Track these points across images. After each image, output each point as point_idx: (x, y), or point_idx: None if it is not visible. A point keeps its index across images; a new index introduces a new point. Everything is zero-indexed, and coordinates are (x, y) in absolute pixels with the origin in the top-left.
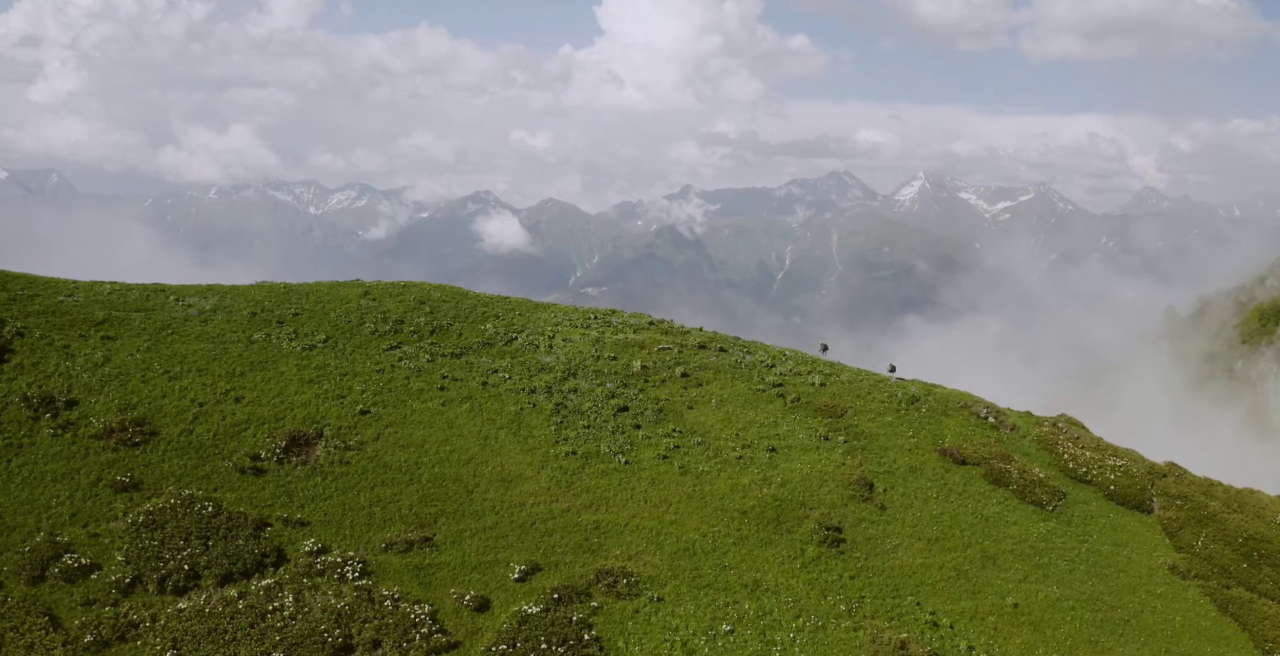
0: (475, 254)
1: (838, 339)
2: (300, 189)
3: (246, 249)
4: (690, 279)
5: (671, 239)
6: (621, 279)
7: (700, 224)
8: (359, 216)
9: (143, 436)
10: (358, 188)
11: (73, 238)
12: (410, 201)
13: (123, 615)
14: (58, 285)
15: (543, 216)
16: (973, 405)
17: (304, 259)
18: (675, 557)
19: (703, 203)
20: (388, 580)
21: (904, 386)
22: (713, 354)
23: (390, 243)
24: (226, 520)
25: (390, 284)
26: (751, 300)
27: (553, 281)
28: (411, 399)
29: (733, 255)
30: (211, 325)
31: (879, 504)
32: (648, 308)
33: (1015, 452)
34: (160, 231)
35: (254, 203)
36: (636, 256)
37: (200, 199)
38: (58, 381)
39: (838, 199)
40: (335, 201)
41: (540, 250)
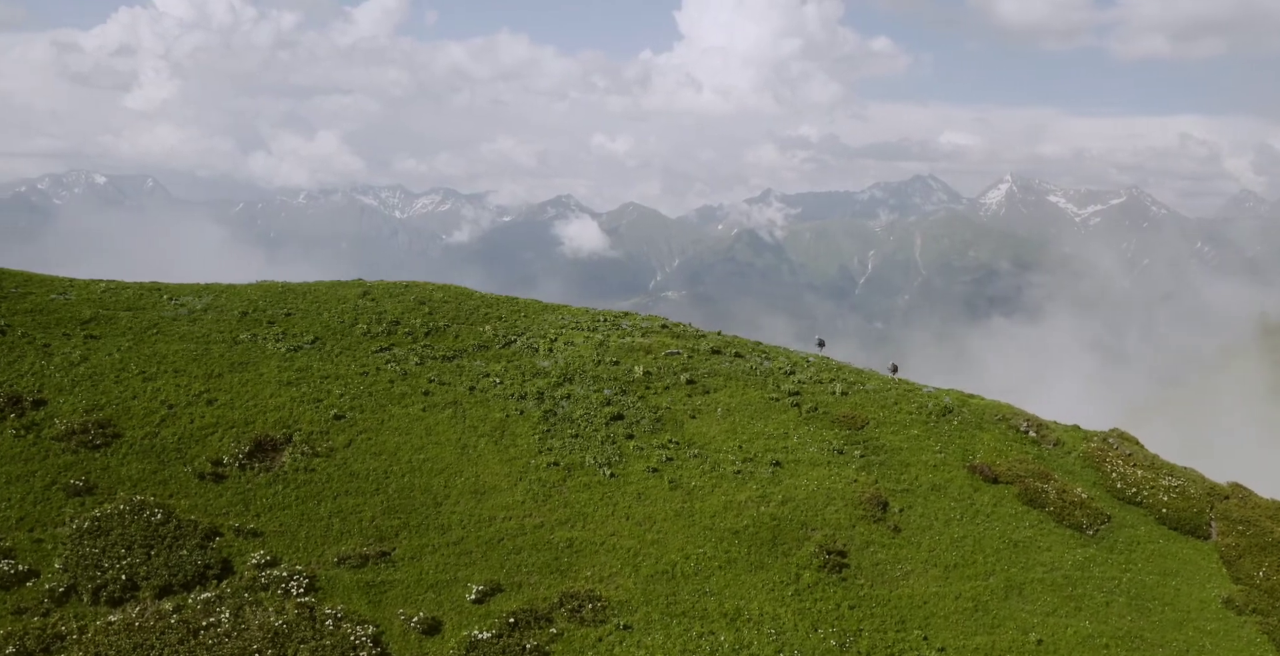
0: (555, 257)
1: (922, 344)
2: (386, 193)
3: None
4: (770, 283)
5: (751, 243)
6: (701, 283)
7: (780, 228)
8: (443, 220)
9: (105, 438)
10: (442, 192)
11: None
12: (493, 205)
13: (51, 626)
14: (52, 283)
15: (622, 220)
16: (1011, 417)
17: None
18: (651, 581)
19: (783, 206)
20: (335, 597)
21: (937, 396)
22: (726, 359)
23: (473, 246)
24: (175, 528)
25: (391, 284)
26: (832, 304)
27: (632, 285)
28: (392, 403)
29: (813, 259)
30: (200, 325)
31: (893, 525)
32: (726, 312)
33: (1056, 470)
34: (251, 235)
35: (341, 207)
36: (716, 260)
37: (289, 203)
38: (29, 381)
39: (922, 202)
40: (420, 206)
41: (620, 254)
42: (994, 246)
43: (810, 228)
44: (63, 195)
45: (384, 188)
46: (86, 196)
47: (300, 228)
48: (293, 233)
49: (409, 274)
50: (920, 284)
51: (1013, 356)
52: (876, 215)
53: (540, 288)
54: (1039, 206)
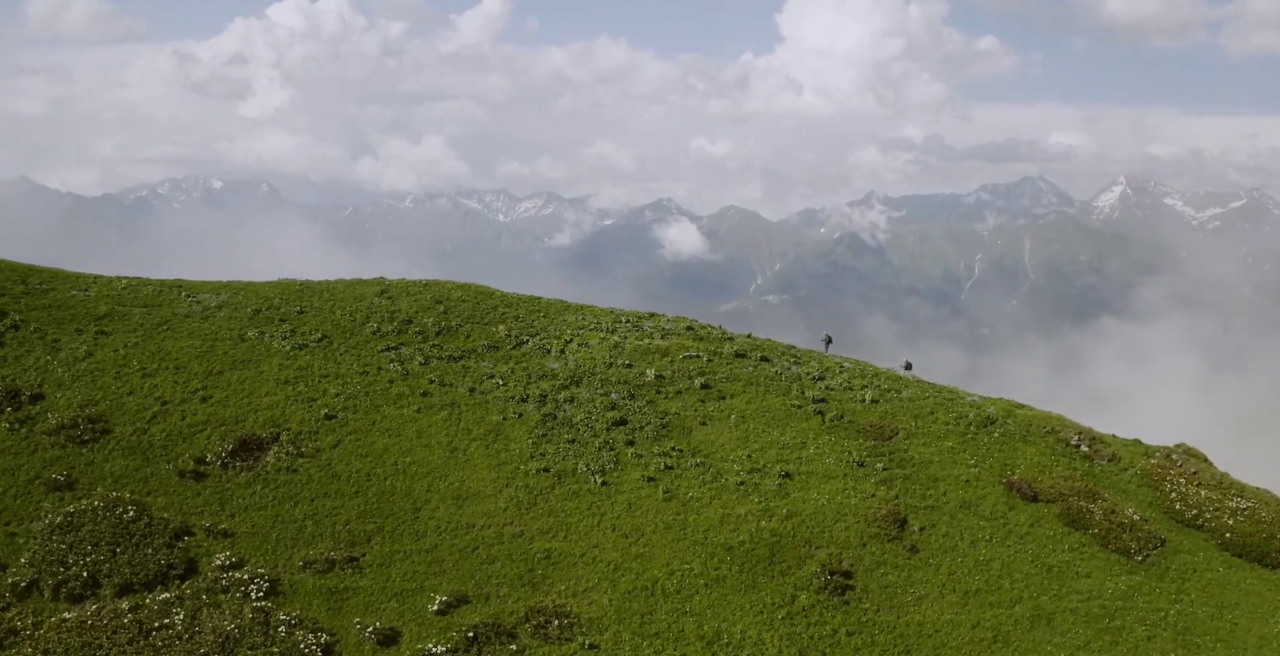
0: (655, 261)
1: (1030, 350)
2: (490, 197)
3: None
4: (872, 287)
5: (853, 246)
6: (802, 286)
7: (884, 231)
8: (545, 224)
9: (94, 434)
10: (544, 195)
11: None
12: (594, 209)
13: (7, 621)
14: (76, 280)
15: (723, 223)
16: (1061, 430)
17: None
18: (629, 598)
19: (886, 209)
20: (295, 602)
21: (980, 406)
22: (750, 364)
23: (575, 250)
24: (145, 526)
25: (410, 282)
26: (936, 309)
27: (731, 289)
28: (387, 404)
29: (917, 263)
30: (211, 322)
31: (910, 545)
32: (827, 316)
33: (1107, 489)
34: (358, 238)
35: (446, 211)
36: (817, 264)
37: (396, 207)
38: (32, 375)
39: (1031, 205)
40: (523, 209)
41: (720, 257)
42: (1107, 251)
43: (914, 231)
44: (181, 199)
45: (488, 191)
46: (204, 200)
47: (406, 231)
48: (399, 236)
49: (512, 277)
50: (1028, 289)
51: (1122, 364)
52: (983, 218)
53: (640, 291)
54: (1154, 209)
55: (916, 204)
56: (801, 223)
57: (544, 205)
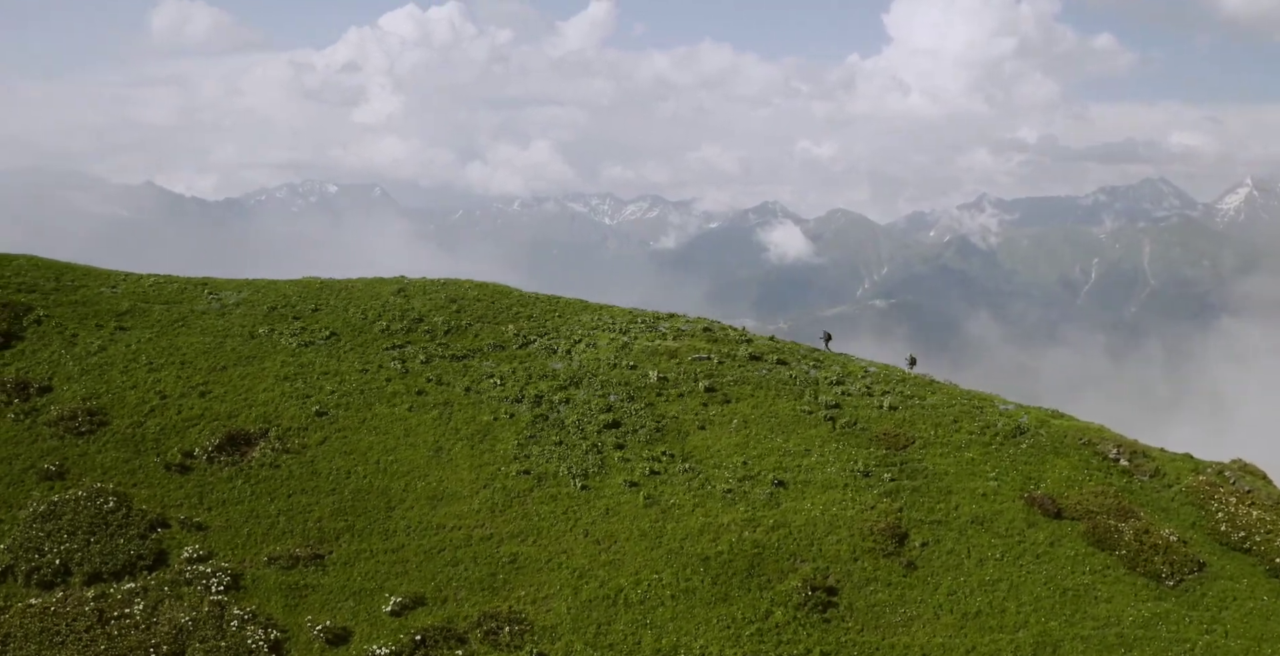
0: (760, 264)
1: (1149, 358)
2: (596, 200)
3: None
4: (983, 292)
5: (963, 250)
6: (910, 291)
7: (995, 234)
8: (651, 227)
9: (91, 426)
10: (650, 199)
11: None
12: (699, 212)
13: None
14: (108, 277)
15: (829, 227)
16: (1099, 442)
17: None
18: (589, 606)
19: (998, 212)
20: (254, 597)
21: (1012, 415)
22: (765, 367)
23: (679, 252)
24: (123, 517)
25: (428, 281)
26: (1051, 315)
27: (838, 293)
28: (380, 402)
29: (1031, 267)
30: (227, 319)
31: (907, 561)
32: (936, 321)
33: (1145, 506)
34: (468, 242)
35: (553, 214)
36: (926, 268)
37: (505, 211)
38: (44, 368)
39: (1151, 208)
40: (629, 213)
41: (826, 261)
42: (1231, 254)
43: (1028, 234)
44: (298, 203)
45: (594, 195)
46: (320, 204)
47: (513, 234)
48: (506, 239)
49: (617, 280)
50: (1148, 294)
51: (1246, 371)
52: (1101, 221)
53: (743, 294)
54: None
55: (1030, 206)
56: (909, 226)
57: (649, 208)
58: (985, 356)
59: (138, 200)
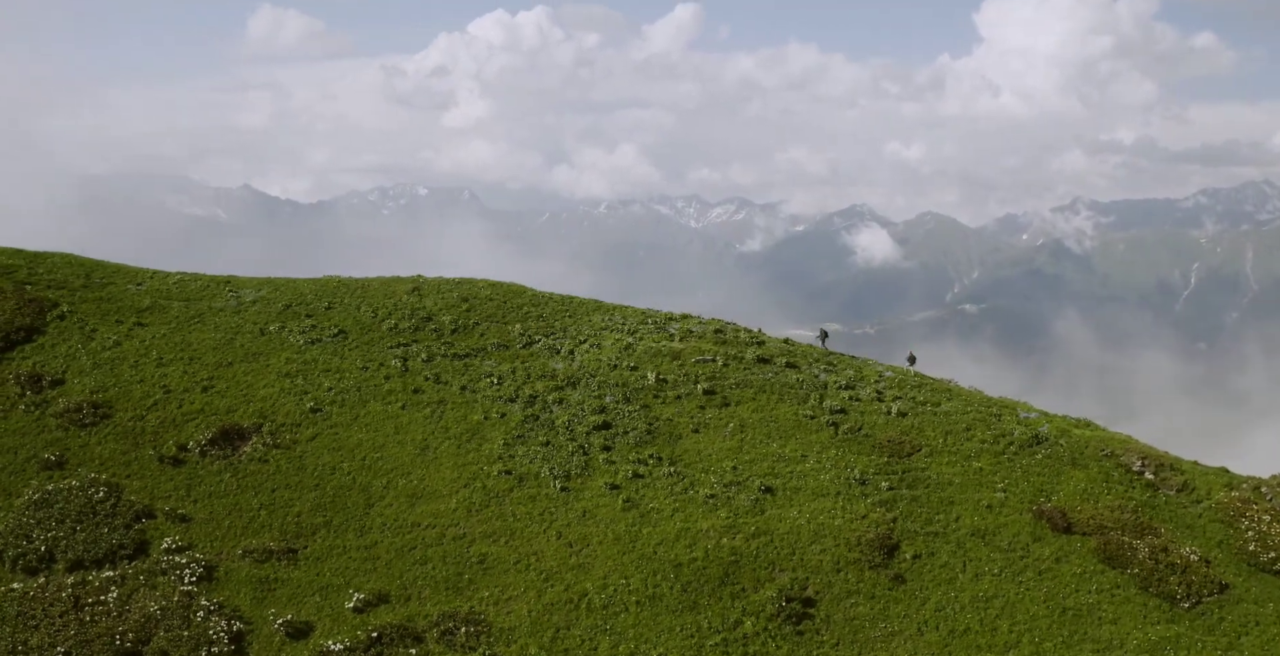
0: (847, 268)
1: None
2: (682, 203)
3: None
4: (1076, 297)
5: (1057, 253)
6: (1001, 295)
7: (1090, 238)
8: (737, 230)
9: (95, 418)
10: (736, 201)
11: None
12: (785, 215)
13: None
14: (135, 274)
15: (919, 230)
16: (1123, 453)
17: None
18: (551, 609)
19: (1093, 215)
20: (224, 589)
21: (1031, 423)
22: (772, 370)
23: (765, 255)
24: (111, 507)
25: (443, 280)
26: (1147, 320)
27: (927, 297)
28: (376, 399)
29: (1127, 272)
30: (242, 316)
31: (895, 573)
32: (1027, 326)
33: (1167, 522)
34: (554, 244)
35: (639, 217)
36: (1018, 272)
37: (591, 213)
38: (59, 362)
39: (1255, 211)
40: (715, 215)
41: (915, 264)
42: None
43: (1124, 238)
44: (390, 205)
45: (679, 198)
46: (410, 207)
47: (599, 237)
48: (592, 242)
49: (703, 282)
50: (1250, 300)
51: None
52: (1201, 224)
53: (830, 298)
54: None
55: (1127, 209)
56: (1001, 229)
57: (735, 211)
58: (1077, 362)
59: (234, 202)
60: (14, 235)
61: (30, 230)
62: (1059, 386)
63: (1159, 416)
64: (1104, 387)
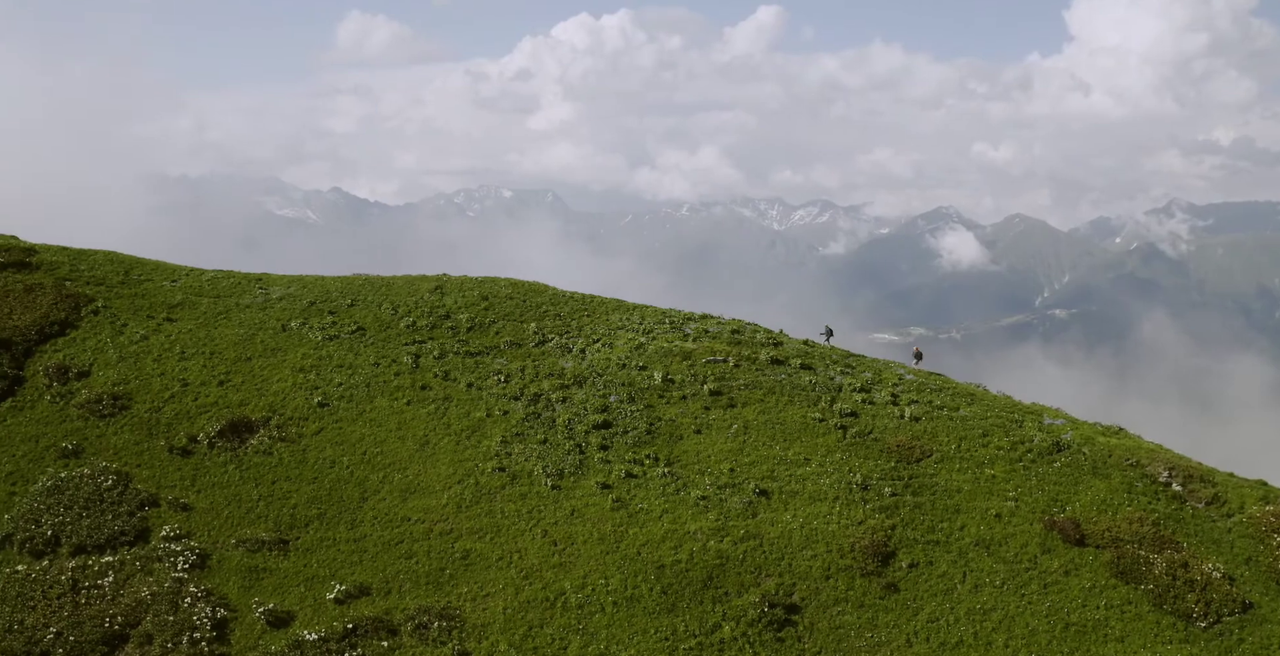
0: (932, 271)
1: None
2: (764, 205)
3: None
4: (1171, 302)
5: (1150, 257)
6: (1092, 300)
7: (1186, 241)
8: (820, 232)
9: (114, 409)
10: (819, 204)
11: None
12: (870, 217)
13: None
14: (173, 271)
15: (1007, 233)
16: (1149, 463)
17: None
18: (526, 607)
19: (1189, 218)
20: (214, 577)
21: (1054, 431)
22: (786, 371)
23: (848, 258)
24: (118, 495)
25: (466, 278)
26: (1245, 326)
27: (1015, 302)
28: (384, 395)
29: (1224, 277)
30: (266, 312)
31: (888, 582)
32: (1119, 332)
33: (1191, 537)
34: (636, 246)
35: (721, 219)
36: (1110, 276)
37: (673, 215)
38: (87, 355)
39: None
40: (798, 218)
41: (1003, 268)
42: None
43: (1223, 242)
44: (475, 208)
45: (762, 200)
46: (495, 209)
47: (681, 239)
48: (675, 244)
49: (786, 285)
50: None
51: None
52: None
53: (914, 302)
54: None
55: (1225, 212)
56: (1093, 232)
57: (819, 213)
58: (1169, 369)
59: (325, 204)
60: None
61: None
62: (1149, 394)
63: (1252, 425)
64: (1196, 395)
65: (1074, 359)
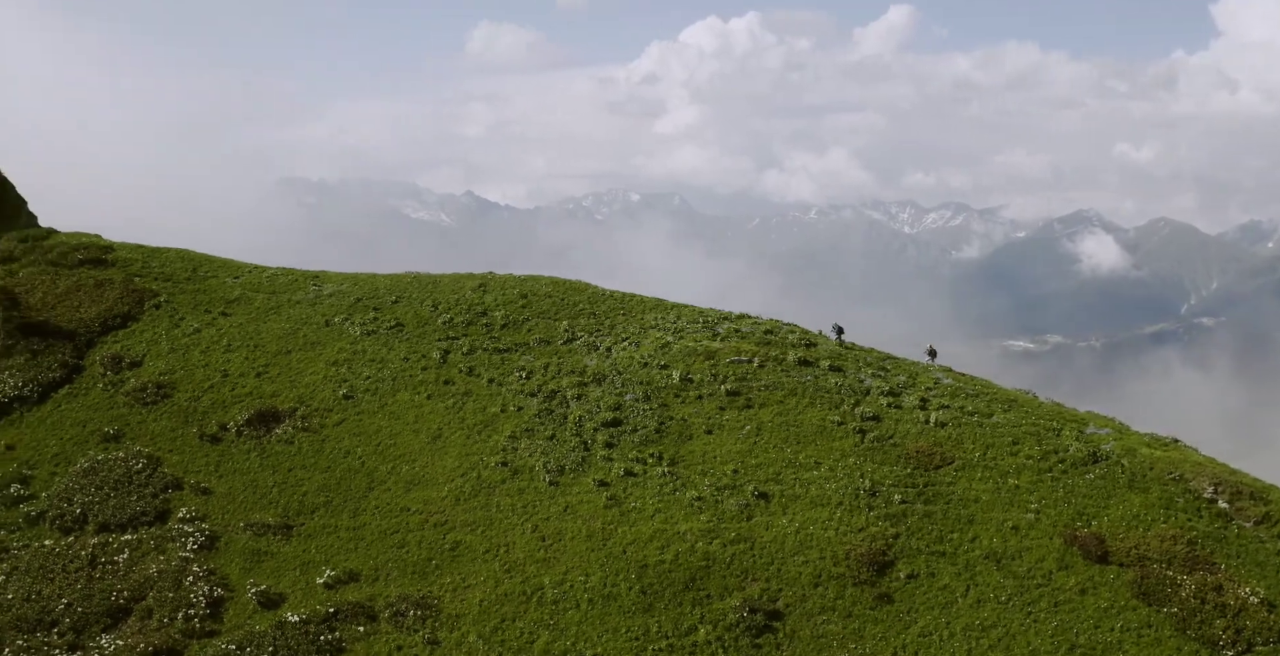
0: (1070, 277)
1: None
2: (895, 208)
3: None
4: None
5: None
6: (1242, 307)
7: None
8: (953, 236)
9: (157, 397)
10: (953, 207)
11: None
12: (1005, 220)
13: (6, 541)
14: (237, 268)
15: (1151, 237)
16: (1194, 478)
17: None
18: (503, 600)
19: None
20: (220, 558)
21: (1093, 440)
22: (813, 373)
23: (983, 262)
24: (146, 477)
25: (509, 277)
26: None
27: (1160, 309)
28: (407, 389)
29: None
30: (315, 308)
31: (882, 592)
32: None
33: (1232, 558)
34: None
35: (850, 222)
36: (1261, 283)
37: (801, 219)
38: (142, 346)
39: None
40: (930, 221)
41: (1146, 274)
42: None
43: None
44: (603, 211)
45: (893, 203)
46: (623, 212)
47: (810, 243)
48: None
49: (917, 290)
50: None
51: None
52: None
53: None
54: None
55: None
56: (1243, 236)
57: (952, 216)
58: None
59: (457, 208)
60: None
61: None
62: None
63: None
64: None
65: (1220, 368)
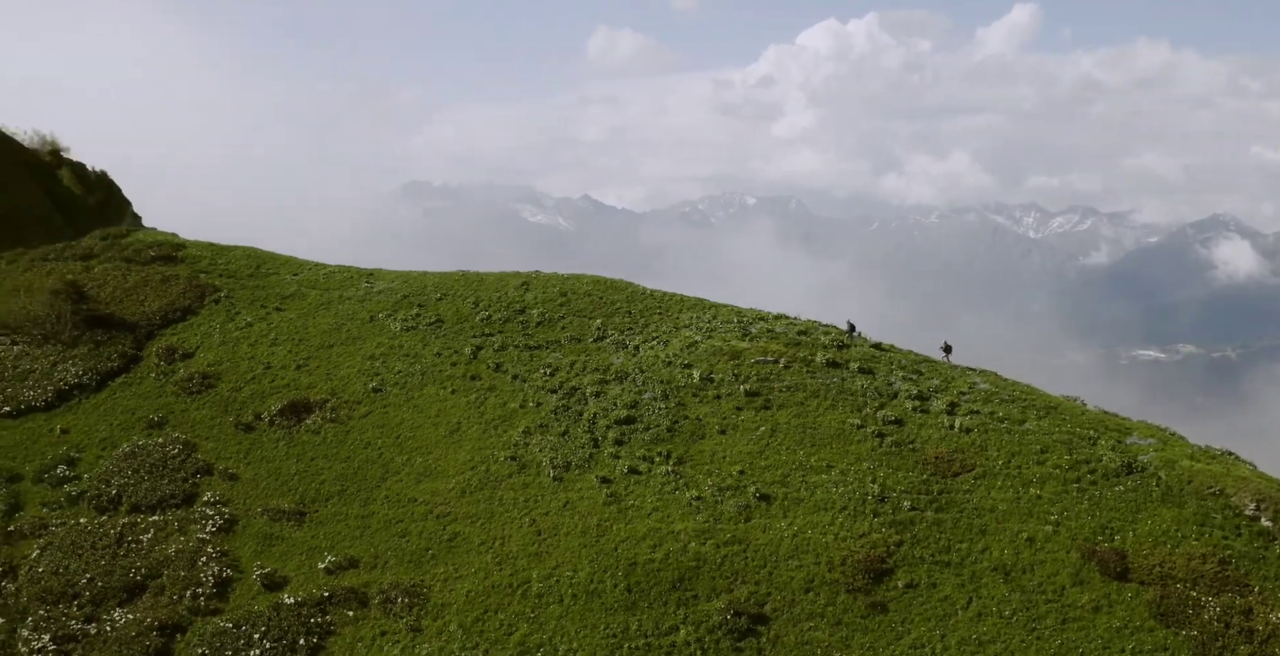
0: (1204, 284)
1: None
2: (1019, 212)
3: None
4: None
5: None
6: None
7: None
8: (1081, 241)
9: (201, 387)
10: (1080, 211)
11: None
12: (1137, 224)
13: (46, 518)
14: (295, 265)
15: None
16: (1234, 493)
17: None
18: (489, 592)
19: None
20: (234, 541)
21: (1131, 451)
22: (841, 374)
23: (1111, 268)
24: (180, 462)
25: (552, 276)
26: None
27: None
28: (435, 383)
29: None
30: (363, 304)
31: (877, 601)
32: None
33: (1268, 580)
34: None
35: (973, 226)
36: None
37: (922, 222)
38: (196, 338)
39: None
40: (1056, 225)
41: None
42: None
43: None
44: (718, 214)
45: (1017, 206)
46: (739, 215)
47: (931, 247)
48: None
49: (1042, 296)
50: None
51: None
52: None
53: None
54: None
55: None
56: None
57: (1079, 221)
58: None
59: (575, 211)
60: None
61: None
62: None
63: None
64: None
65: None
